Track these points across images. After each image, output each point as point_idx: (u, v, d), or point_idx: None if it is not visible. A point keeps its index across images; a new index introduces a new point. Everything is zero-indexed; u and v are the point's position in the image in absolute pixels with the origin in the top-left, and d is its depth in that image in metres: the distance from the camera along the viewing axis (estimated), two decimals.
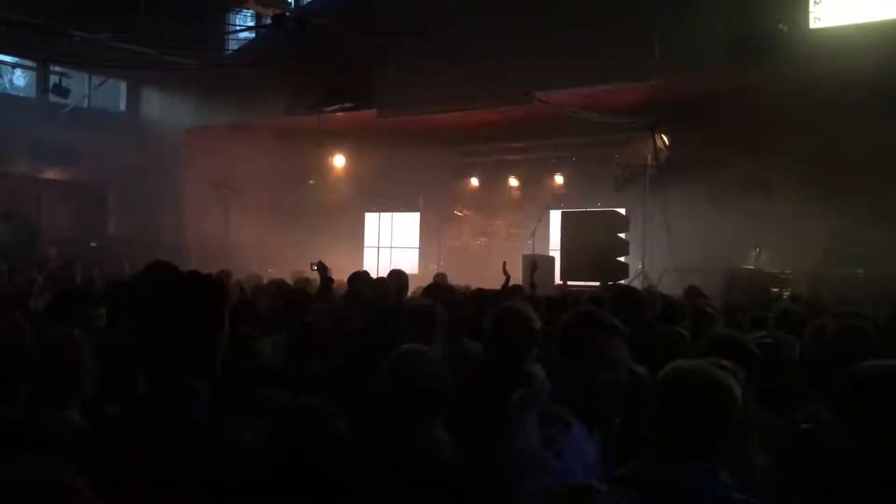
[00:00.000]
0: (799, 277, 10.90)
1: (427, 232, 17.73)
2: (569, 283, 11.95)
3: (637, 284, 10.73)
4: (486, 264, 15.01)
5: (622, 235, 12.35)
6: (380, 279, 6.95)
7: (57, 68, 15.68)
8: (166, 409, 1.94)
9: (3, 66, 16.15)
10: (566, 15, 11.61)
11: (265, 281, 8.58)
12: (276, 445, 2.06)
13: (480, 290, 6.48)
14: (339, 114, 14.42)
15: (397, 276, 6.88)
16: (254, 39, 16.66)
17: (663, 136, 13.36)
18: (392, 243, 18.91)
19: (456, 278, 10.43)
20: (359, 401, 2.58)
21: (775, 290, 10.52)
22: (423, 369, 2.59)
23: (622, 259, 12.18)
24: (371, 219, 19.10)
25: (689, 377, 2.12)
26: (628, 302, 4.67)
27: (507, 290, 6.66)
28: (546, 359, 3.18)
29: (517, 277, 10.52)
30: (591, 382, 2.46)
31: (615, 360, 2.50)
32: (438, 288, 6.36)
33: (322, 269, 6.32)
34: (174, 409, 1.94)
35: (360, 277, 6.69)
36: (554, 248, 14.58)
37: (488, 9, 12.42)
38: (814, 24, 10.53)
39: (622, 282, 10.93)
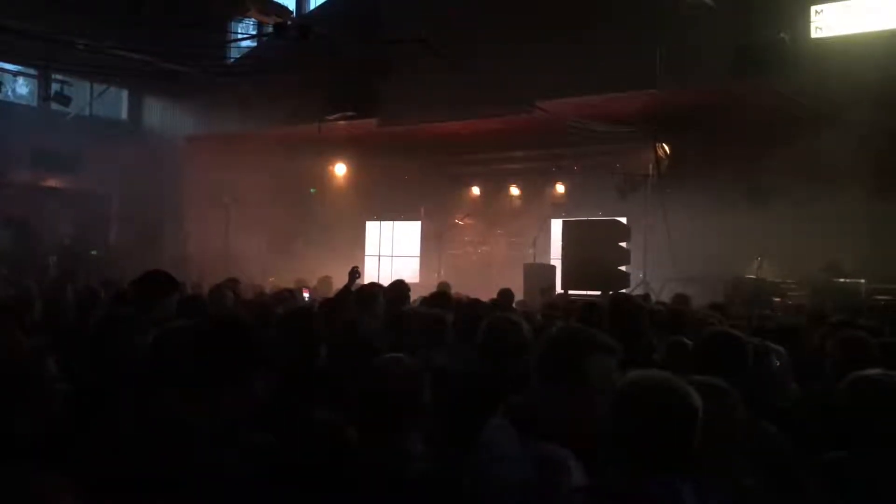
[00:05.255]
0: (801, 286, 10.86)
1: (428, 241, 17.70)
2: (570, 292, 11.89)
3: (639, 294, 10.68)
4: (488, 273, 14.99)
5: (623, 244, 12.29)
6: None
7: (58, 76, 15.71)
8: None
9: (5, 75, 16.17)
10: (568, 24, 11.61)
11: (266, 290, 8.57)
12: (287, 454, 2.10)
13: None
14: (340, 122, 14.42)
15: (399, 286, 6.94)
16: (255, 48, 16.70)
17: (665, 145, 13.33)
18: (393, 252, 18.90)
19: (457, 287, 10.38)
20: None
21: (777, 299, 10.48)
22: (396, 379, 2.54)
23: (623, 268, 12.12)
24: (372, 227, 19.09)
25: (643, 386, 1.99)
26: (625, 311, 4.56)
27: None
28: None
29: (517, 286, 10.52)
30: (584, 410, 2.16)
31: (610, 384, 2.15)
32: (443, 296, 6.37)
33: (352, 274, 6.61)
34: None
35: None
36: (555, 257, 14.54)
37: (489, 18, 12.44)
38: (815, 33, 10.53)
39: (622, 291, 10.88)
